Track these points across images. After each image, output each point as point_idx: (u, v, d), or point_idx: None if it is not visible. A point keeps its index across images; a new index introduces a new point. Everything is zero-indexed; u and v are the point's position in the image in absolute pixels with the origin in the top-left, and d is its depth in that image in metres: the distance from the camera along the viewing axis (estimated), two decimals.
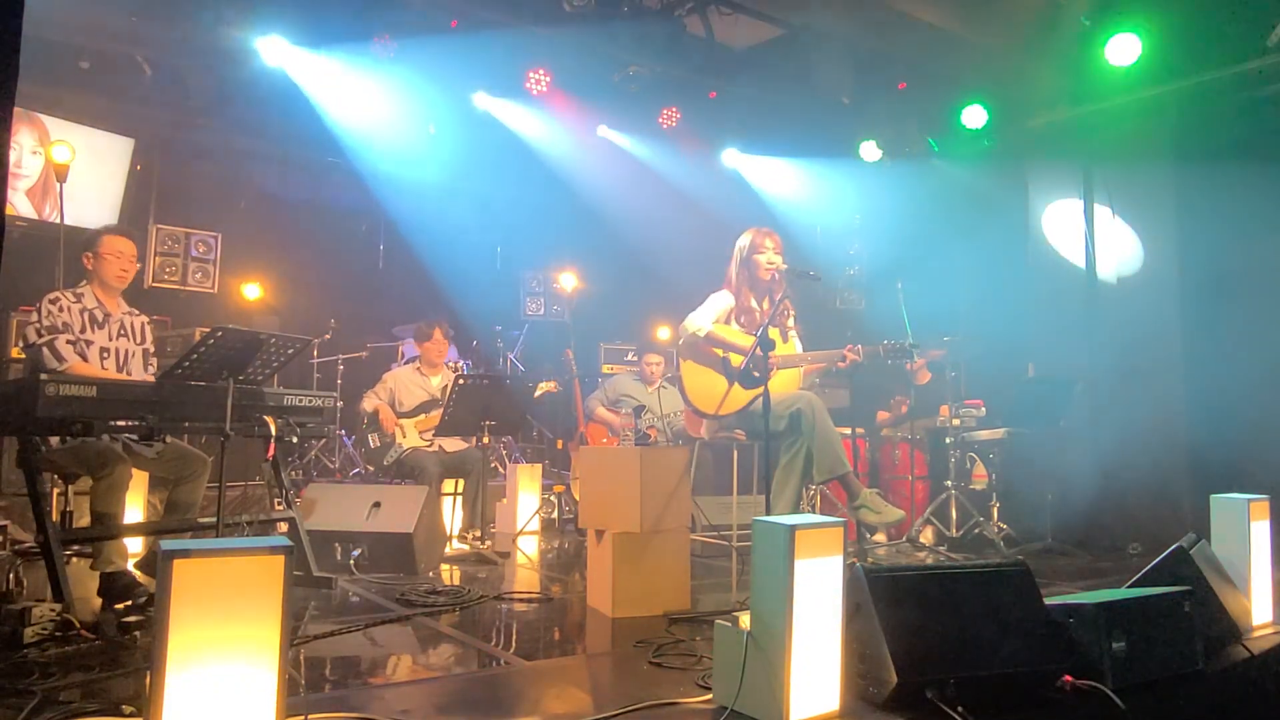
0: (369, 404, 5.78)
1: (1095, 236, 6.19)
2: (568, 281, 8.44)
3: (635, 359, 8.21)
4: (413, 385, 5.91)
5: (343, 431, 7.13)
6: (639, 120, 7.98)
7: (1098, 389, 6.03)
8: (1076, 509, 5.73)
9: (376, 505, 4.48)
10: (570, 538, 5.99)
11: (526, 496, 6.20)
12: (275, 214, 8.16)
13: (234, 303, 7.64)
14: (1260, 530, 3.33)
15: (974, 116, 6.72)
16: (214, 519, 3.53)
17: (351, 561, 4.29)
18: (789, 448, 4.09)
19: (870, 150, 7.39)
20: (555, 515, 6.43)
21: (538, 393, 6.24)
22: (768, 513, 3.65)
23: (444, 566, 4.69)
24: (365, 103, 7.17)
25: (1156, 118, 5.84)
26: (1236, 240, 5.56)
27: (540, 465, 6.61)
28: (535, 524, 6.15)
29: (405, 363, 6.99)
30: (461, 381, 5.05)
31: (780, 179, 8.40)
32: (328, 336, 7.44)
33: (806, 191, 8.23)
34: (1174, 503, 5.50)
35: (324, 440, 6.98)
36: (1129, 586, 2.99)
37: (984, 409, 5.97)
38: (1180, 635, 2.64)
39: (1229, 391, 5.47)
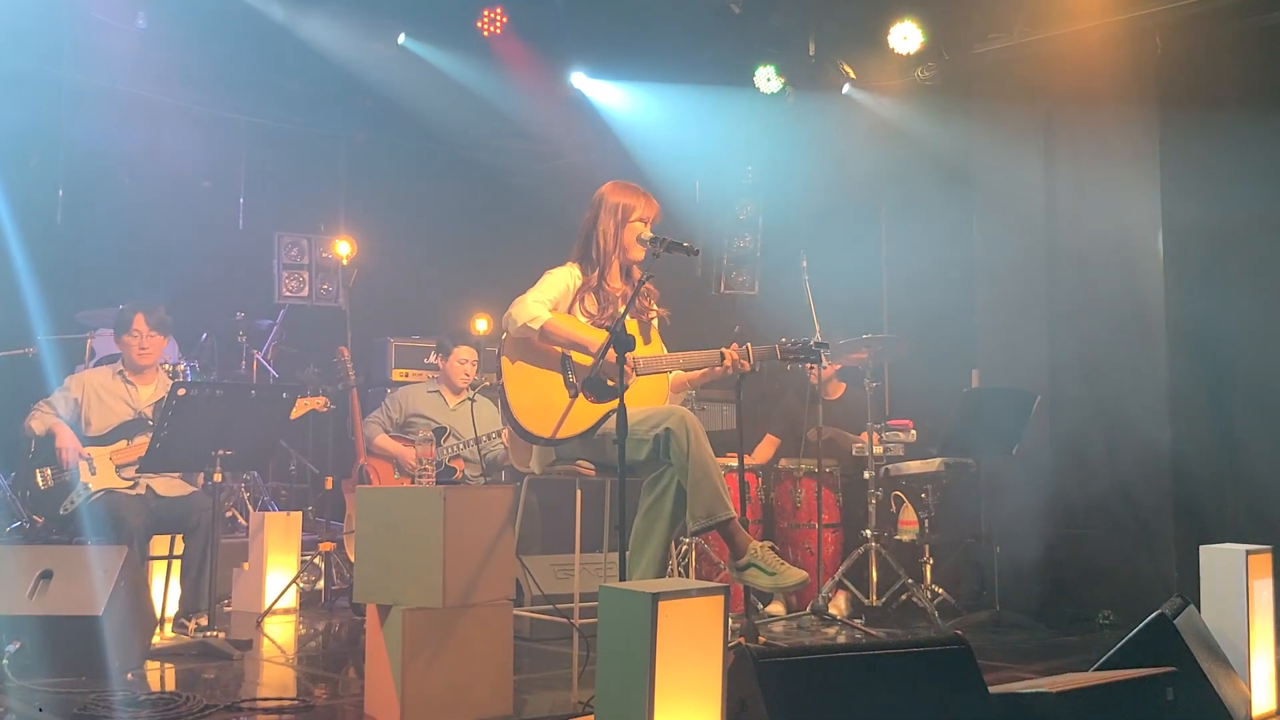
0: (40, 423, 5.59)
1: (1058, 201, 6.50)
2: (344, 250, 8.24)
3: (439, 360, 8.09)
4: (111, 397, 5.76)
5: None
6: (450, 24, 7.91)
7: (1060, 405, 6.33)
8: (1032, 567, 5.99)
9: (46, 576, 4.40)
10: (342, 618, 5.99)
11: (279, 559, 6.15)
12: None
13: None
14: (1263, 591, 3.53)
15: (905, 38, 6.94)
16: None
17: (4, 661, 4.19)
18: (653, 485, 4.11)
19: (767, 78, 7.54)
20: (321, 585, 6.41)
21: (297, 412, 6.08)
22: (623, 577, 3.65)
23: (151, 664, 4.63)
24: None
25: (1137, 48, 6.19)
26: (1236, 206, 5.94)
27: (300, 514, 6.58)
28: (291, 599, 6.11)
29: (96, 363, 6.79)
30: (182, 392, 4.93)
31: (642, 114, 8.45)
32: None
33: (679, 132, 8.31)
34: (1155, 556, 5.84)
35: None
36: (1097, 669, 3.14)
37: (914, 432, 6.17)
38: None
39: (1227, 409, 5.84)
